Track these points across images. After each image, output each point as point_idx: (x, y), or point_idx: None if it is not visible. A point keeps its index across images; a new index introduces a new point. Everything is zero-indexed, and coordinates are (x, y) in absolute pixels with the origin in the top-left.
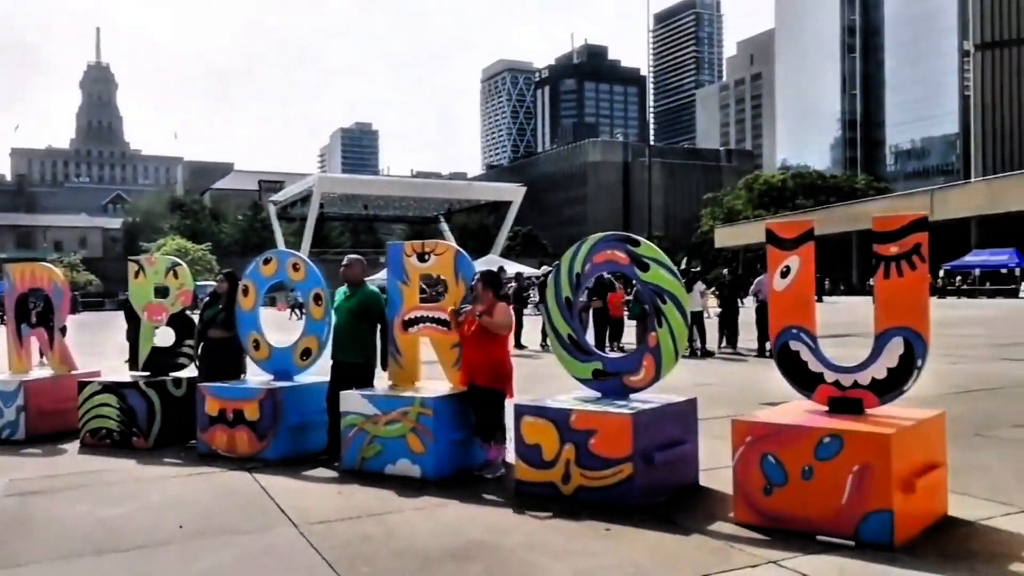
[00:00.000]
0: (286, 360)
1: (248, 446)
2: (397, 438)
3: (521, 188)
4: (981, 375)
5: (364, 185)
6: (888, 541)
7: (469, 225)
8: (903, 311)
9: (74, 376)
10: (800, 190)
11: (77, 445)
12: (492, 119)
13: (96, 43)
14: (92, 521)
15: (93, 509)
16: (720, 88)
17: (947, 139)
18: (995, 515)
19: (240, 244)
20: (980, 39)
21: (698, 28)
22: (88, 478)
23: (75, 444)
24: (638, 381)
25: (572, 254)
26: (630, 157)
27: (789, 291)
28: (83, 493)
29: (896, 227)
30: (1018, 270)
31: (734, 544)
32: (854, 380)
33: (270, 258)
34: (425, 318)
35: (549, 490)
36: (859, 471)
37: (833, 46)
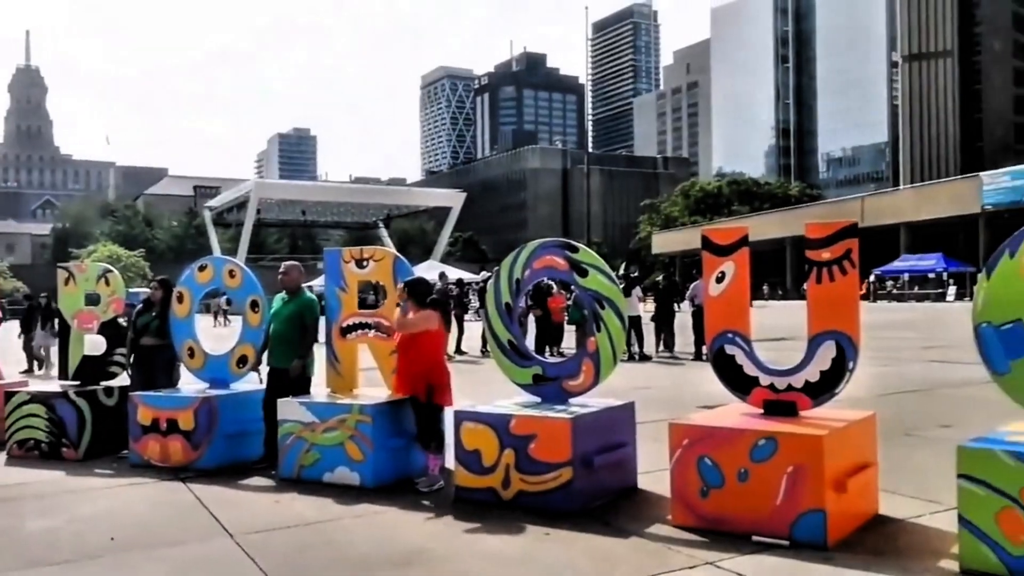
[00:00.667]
0: (222, 368)
1: (182, 456)
2: (335, 446)
3: (461, 194)
4: (910, 377)
5: (302, 191)
6: (822, 540)
7: (409, 231)
8: (835, 315)
9: (0, 385)
10: (735, 197)
11: (4, 457)
12: (431, 125)
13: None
14: (19, 535)
15: (21, 522)
16: (657, 96)
17: (877, 147)
18: (924, 513)
19: (174, 250)
20: (907, 51)
21: (635, 37)
22: (16, 491)
23: (2, 456)
24: (577, 386)
25: (512, 260)
26: (569, 164)
27: (724, 296)
28: (11, 506)
29: (827, 233)
30: (944, 274)
31: (671, 546)
32: (788, 383)
33: (205, 265)
34: (363, 325)
35: (489, 496)
36: (793, 472)
37: (767, 56)
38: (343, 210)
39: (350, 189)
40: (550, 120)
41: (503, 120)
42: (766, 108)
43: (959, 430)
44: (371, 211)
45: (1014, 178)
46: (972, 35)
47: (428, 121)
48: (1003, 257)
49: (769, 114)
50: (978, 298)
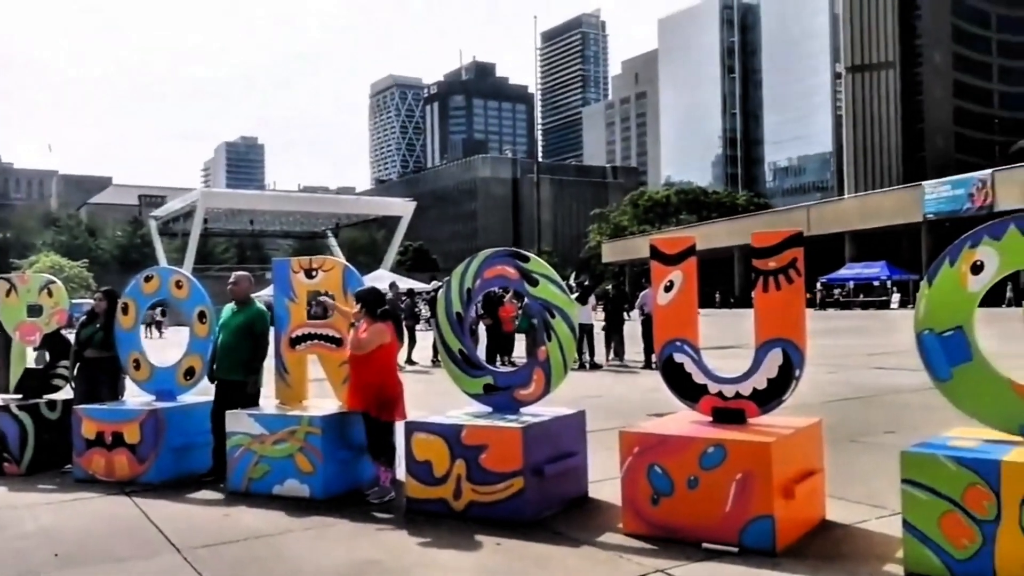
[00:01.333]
0: (168, 380)
1: (128, 470)
2: (285, 458)
3: (411, 203)
4: (855, 384)
5: (250, 200)
6: (770, 547)
7: (359, 240)
8: (781, 323)
9: None
10: (684, 206)
11: None
12: (381, 134)
13: None
14: None
15: None
16: (606, 106)
17: (822, 157)
18: (870, 518)
19: (119, 261)
20: (850, 62)
21: (584, 47)
22: None
23: None
24: (529, 395)
25: (463, 269)
26: (519, 173)
27: (673, 305)
28: None
29: (773, 243)
30: (888, 282)
31: (622, 554)
32: (736, 391)
33: (152, 275)
34: (313, 335)
35: (440, 506)
36: (742, 479)
37: (713, 66)
38: (292, 219)
39: (299, 198)
40: (500, 129)
41: (453, 129)
42: (713, 118)
43: (903, 436)
44: (320, 220)
45: (955, 187)
46: (913, 47)
47: (378, 130)
48: (943, 265)
49: (716, 124)
50: (920, 306)
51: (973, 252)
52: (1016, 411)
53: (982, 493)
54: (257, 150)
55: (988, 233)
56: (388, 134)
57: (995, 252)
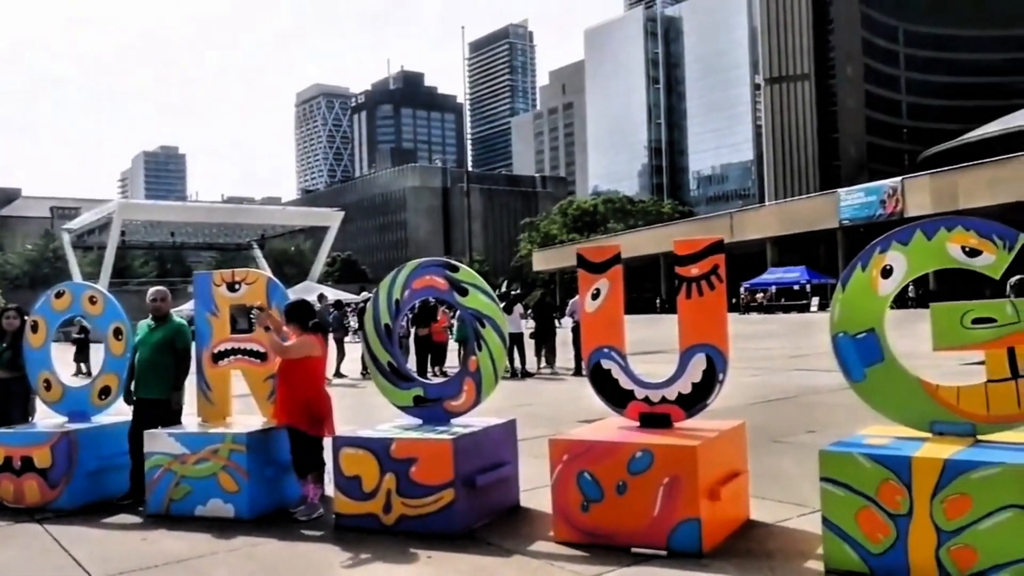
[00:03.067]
0: (82, 400)
1: (39, 496)
2: (207, 477)
3: (339, 213)
4: (777, 385)
5: (170, 211)
6: (697, 548)
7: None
8: (705, 329)
9: None
10: (611, 214)
11: None
12: (307, 143)
13: None
14: None
15: None
16: (535, 116)
17: (743, 165)
18: (792, 516)
19: (30, 276)
20: (769, 74)
21: (512, 57)
22: None
23: None
24: (459, 406)
25: (391, 280)
26: (449, 183)
27: (600, 312)
28: None
29: (695, 250)
30: (808, 286)
31: (554, 562)
32: (662, 396)
33: (63, 291)
34: (236, 350)
35: (370, 521)
36: (669, 483)
37: (638, 77)
38: (215, 231)
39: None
40: (429, 139)
41: (381, 138)
42: (639, 128)
43: (823, 435)
44: (245, 232)
45: (868, 194)
46: (827, 60)
47: (304, 139)
48: (856, 270)
49: (642, 134)
50: (834, 309)
51: (883, 257)
52: (926, 409)
53: (895, 488)
54: (178, 160)
55: (896, 238)
56: (315, 144)
57: (903, 256)
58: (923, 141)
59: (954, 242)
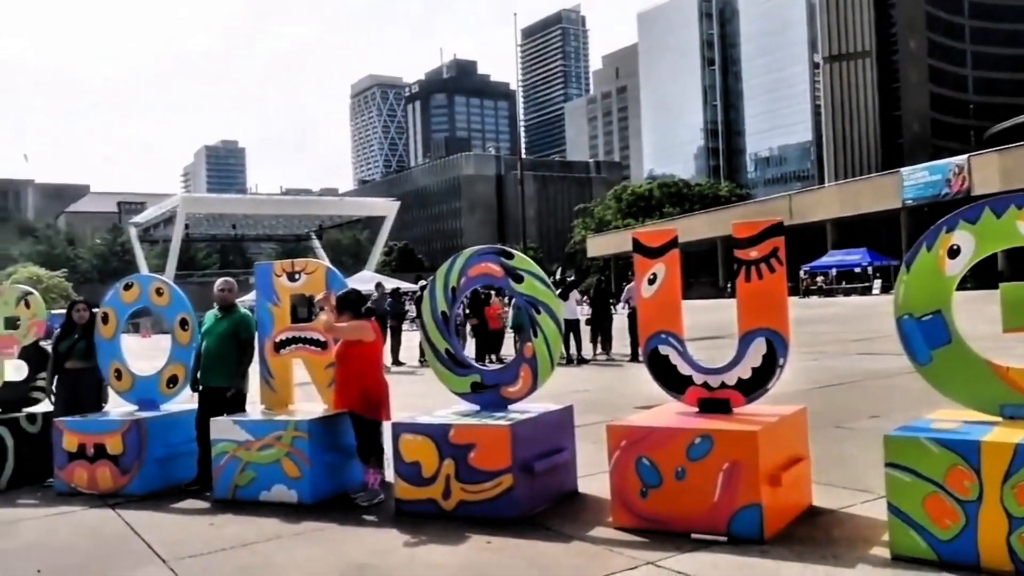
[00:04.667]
0: (151, 389)
1: (111, 482)
2: (271, 464)
3: (395, 203)
4: (839, 370)
5: (231, 204)
6: (758, 535)
7: (342, 241)
8: (764, 312)
9: None
10: (666, 198)
11: None
12: (363, 134)
13: None
14: None
15: None
16: (588, 101)
17: (802, 146)
18: (855, 503)
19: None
20: (828, 52)
21: (564, 43)
22: None
23: None
24: (516, 392)
25: (447, 268)
26: (503, 170)
27: (656, 297)
28: None
29: (754, 232)
30: (870, 268)
31: (613, 548)
32: (721, 381)
33: (131, 283)
34: (297, 339)
35: (430, 507)
36: (729, 469)
37: (693, 59)
38: (274, 223)
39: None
40: (482, 127)
41: (435, 128)
42: (694, 110)
43: (886, 420)
44: (303, 223)
45: (932, 173)
46: (889, 35)
47: (359, 130)
48: (921, 251)
49: (698, 116)
50: (899, 291)
51: (950, 236)
52: (995, 392)
53: (964, 474)
54: (238, 154)
55: (964, 217)
56: (370, 134)
57: (971, 236)
58: (990, 117)
59: None
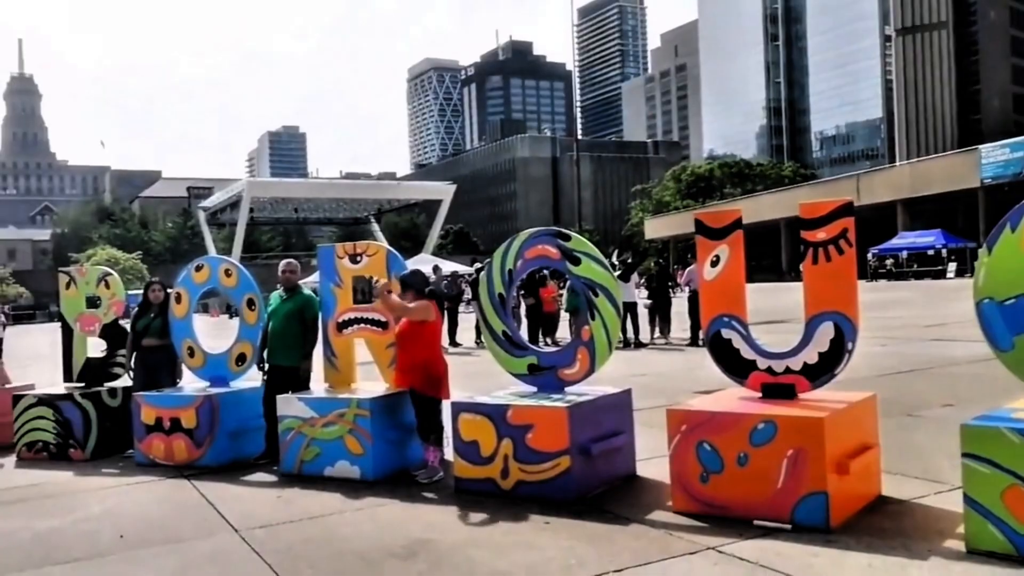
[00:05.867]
0: (221, 366)
1: (186, 454)
2: (335, 440)
3: (451, 186)
4: (910, 356)
5: (293, 188)
6: (824, 523)
7: (400, 224)
8: (832, 296)
9: (8, 390)
10: (728, 179)
11: (13, 459)
12: (419, 118)
13: (19, 55)
14: (31, 535)
15: (30, 523)
16: (645, 80)
17: (871, 124)
18: (928, 493)
19: (171, 251)
20: (900, 24)
21: (622, 21)
22: (25, 492)
23: (11, 458)
24: (573, 374)
25: (504, 251)
26: (558, 152)
27: (719, 280)
28: (20, 508)
29: (822, 213)
30: (944, 251)
31: (673, 532)
32: (786, 366)
33: (202, 265)
34: (360, 319)
35: (488, 486)
36: (793, 455)
37: (756, 35)
38: (335, 206)
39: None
40: (538, 108)
41: (491, 110)
42: (756, 88)
43: (962, 409)
44: (362, 206)
45: (1013, 150)
46: (967, 5)
47: (416, 114)
48: (1004, 231)
49: (760, 94)
50: (979, 274)
51: None
52: None
53: None
54: (299, 139)
55: None
56: (427, 118)
57: None
58: None
59: None
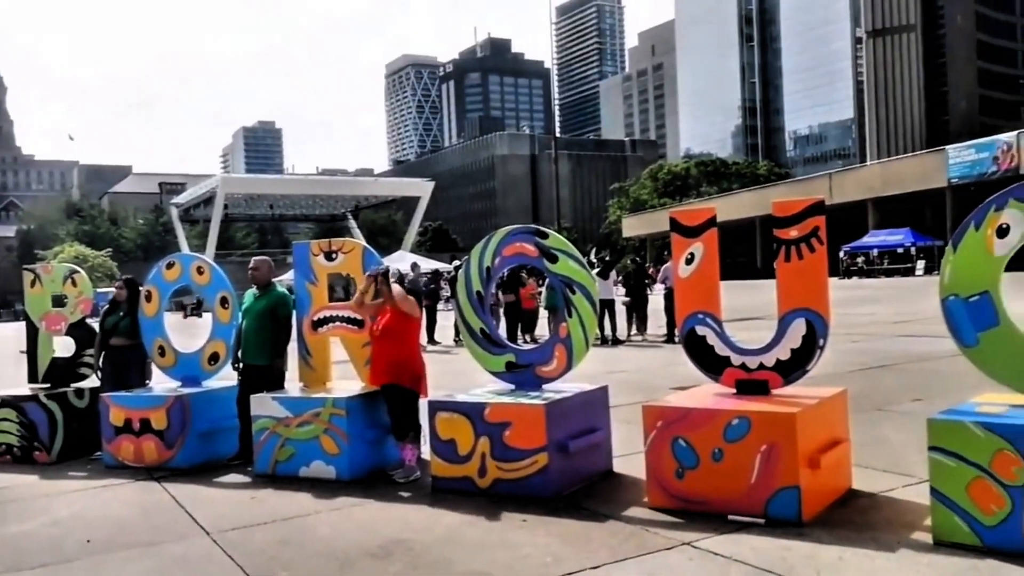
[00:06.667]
0: (193, 366)
1: (156, 455)
2: (310, 440)
3: (429, 183)
4: (880, 352)
5: (269, 184)
6: (796, 517)
7: (378, 221)
8: (804, 293)
9: None
10: (704, 177)
11: None
12: (397, 114)
13: None
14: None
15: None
16: (623, 79)
17: (843, 124)
18: (896, 486)
19: (142, 249)
20: (871, 26)
21: (600, 20)
22: None
23: None
24: (551, 371)
25: (481, 248)
26: (537, 150)
27: (694, 277)
28: None
29: (795, 211)
30: (913, 249)
31: (649, 528)
32: (760, 362)
33: (173, 262)
34: (335, 317)
35: (466, 484)
36: (767, 451)
37: (731, 35)
38: (311, 203)
39: (317, 181)
40: (516, 106)
41: (469, 107)
42: (732, 88)
43: (930, 403)
44: (339, 203)
45: (979, 151)
46: (935, 9)
47: (394, 110)
48: (968, 229)
49: (735, 94)
50: (945, 271)
51: (998, 215)
52: None
53: (1011, 459)
54: (275, 134)
55: (1014, 196)
56: (405, 114)
57: (1021, 215)
58: None
59: None
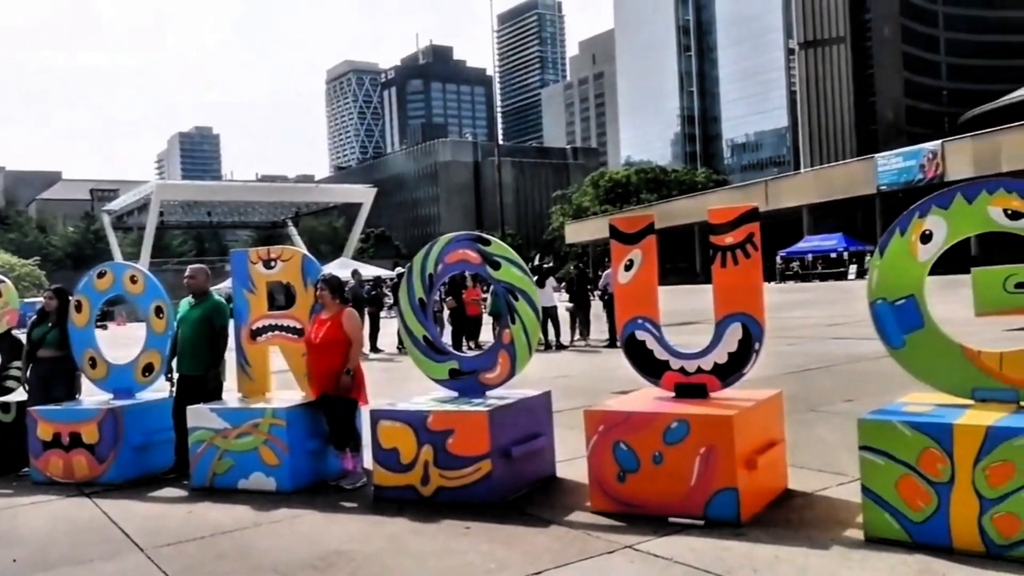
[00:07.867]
0: (126, 377)
1: (87, 470)
2: (249, 451)
3: (371, 189)
4: (814, 354)
5: (206, 191)
6: (735, 518)
7: (319, 228)
8: (740, 298)
9: None
10: (644, 185)
11: None
12: (339, 120)
13: None
14: None
15: None
16: (564, 87)
17: (778, 132)
18: (830, 485)
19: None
20: (803, 38)
21: (541, 28)
22: None
23: None
24: (494, 378)
25: (424, 255)
26: (480, 156)
27: (633, 283)
28: None
29: (730, 218)
30: (846, 253)
31: (591, 532)
32: (698, 366)
33: (105, 271)
34: (274, 326)
35: (408, 493)
36: (705, 453)
37: (669, 45)
38: (250, 209)
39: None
40: (459, 113)
41: (412, 114)
42: (671, 96)
43: (861, 404)
44: (279, 210)
45: (906, 159)
46: (863, 22)
47: (335, 116)
48: (894, 235)
49: (674, 102)
50: (872, 276)
51: (922, 222)
52: (967, 376)
53: (936, 456)
54: (212, 140)
55: (936, 203)
56: (346, 120)
57: (943, 220)
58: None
59: (996, 205)
